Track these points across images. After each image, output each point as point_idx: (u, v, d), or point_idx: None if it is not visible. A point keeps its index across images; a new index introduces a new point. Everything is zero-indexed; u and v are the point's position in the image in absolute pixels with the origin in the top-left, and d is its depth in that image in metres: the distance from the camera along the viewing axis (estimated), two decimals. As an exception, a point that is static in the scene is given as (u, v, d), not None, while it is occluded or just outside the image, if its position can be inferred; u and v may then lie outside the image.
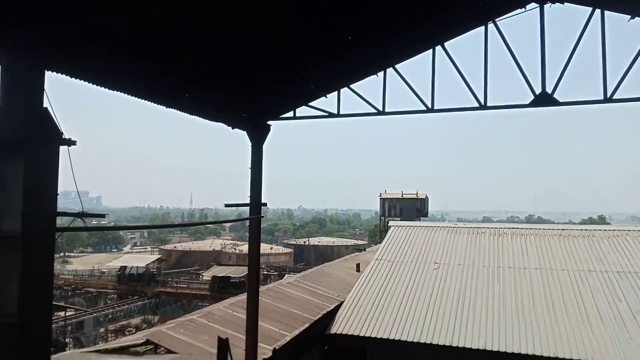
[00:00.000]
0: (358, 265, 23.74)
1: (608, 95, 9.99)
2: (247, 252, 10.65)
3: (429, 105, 10.89)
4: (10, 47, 4.68)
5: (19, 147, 4.56)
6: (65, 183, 5.65)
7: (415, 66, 11.18)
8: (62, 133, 4.95)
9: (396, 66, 10.90)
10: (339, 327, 13.59)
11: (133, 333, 35.61)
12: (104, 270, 49.38)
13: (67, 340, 30.56)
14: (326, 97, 11.56)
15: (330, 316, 15.01)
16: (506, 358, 11.56)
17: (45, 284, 4.71)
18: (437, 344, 12.15)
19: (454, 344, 12.04)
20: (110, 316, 34.10)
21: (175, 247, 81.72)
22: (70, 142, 5.00)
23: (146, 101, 7.77)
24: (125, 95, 7.46)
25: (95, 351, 10.58)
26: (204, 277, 44.32)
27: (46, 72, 5.07)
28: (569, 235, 17.31)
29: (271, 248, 76.15)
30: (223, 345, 5.09)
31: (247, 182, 10.77)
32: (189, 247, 77.26)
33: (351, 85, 11.30)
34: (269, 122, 11.22)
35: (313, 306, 16.15)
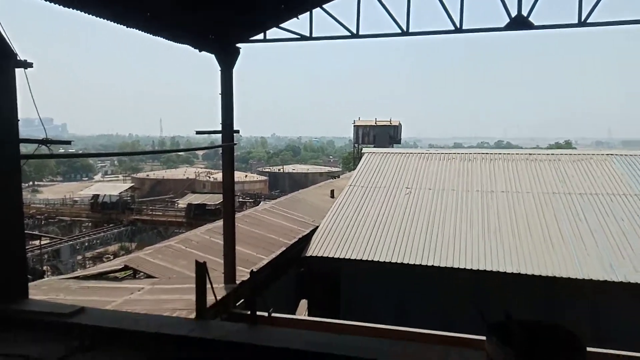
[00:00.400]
0: (332, 192, 24.10)
1: (583, 19, 9.91)
2: (222, 179, 10.62)
3: (404, 28, 10.58)
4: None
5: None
6: (26, 110, 5.38)
7: (391, -15, 10.71)
8: (16, 54, 4.64)
9: (372, -15, 10.42)
10: (314, 250, 14.05)
11: (111, 260, 36.15)
12: (76, 199, 48.94)
13: (44, 268, 30.83)
14: (298, 18, 11.06)
15: (305, 240, 15.41)
16: (472, 275, 12.28)
17: (15, 210, 4.62)
18: (408, 263, 12.76)
19: (424, 263, 12.67)
20: (86, 244, 34.32)
21: (147, 175, 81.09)
22: (26, 65, 4.70)
23: (105, 20, 7.27)
24: (82, 13, 6.96)
25: (74, 277, 10.72)
26: (179, 205, 44.51)
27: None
28: (535, 159, 17.84)
29: (246, 176, 76.44)
30: (201, 269, 5.20)
31: (218, 109, 10.51)
32: (162, 176, 76.84)
33: (324, 6, 10.82)
34: (239, 45, 10.75)
35: (289, 231, 16.52)
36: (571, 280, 11.61)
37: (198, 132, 10.29)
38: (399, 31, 10.60)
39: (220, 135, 10.65)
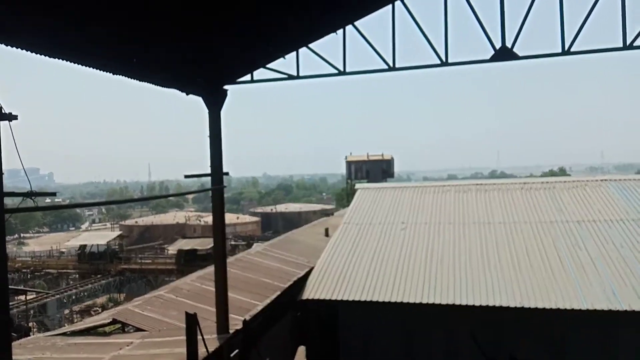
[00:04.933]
0: (327, 230, 23.74)
1: (566, 48, 10.03)
2: (212, 224, 10.30)
3: (390, 64, 10.65)
4: None
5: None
6: (11, 161, 5.12)
7: (376, 23, 10.85)
8: (0, 107, 4.43)
9: (355, 23, 10.52)
10: (310, 292, 13.56)
11: (99, 313, 34.90)
12: (63, 250, 47.84)
13: (30, 324, 29.63)
14: (284, 58, 11.08)
15: (301, 283, 14.96)
16: (474, 311, 11.86)
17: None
18: (407, 302, 12.32)
19: (424, 301, 12.24)
20: (74, 297, 33.23)
21: (136, 222, 79.92)
22: (11, 117, 4.50)
23: (90, 68, 7.12)
24: (67, 62, 6.82)
25: (61, 334, 10.15)
26: (169, 252, 43.62)
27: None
28: (530, 188, 17.75)
29: (237, 217, 75.67)
30: (191, 321, 4.84)
31: (207, 151, 10.31)
32: (150, 222, 75.74)
33: (310, 45, 10.87)
34: (226, 87, 10.69)
35: (283, 274, 16.06)
36: (575, 311, 11.27)
37: (187, 176, 10.05)
38: (386, 67, 10.65)
39: (209, 178, 10.43)
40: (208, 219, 71.81)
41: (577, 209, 15.74)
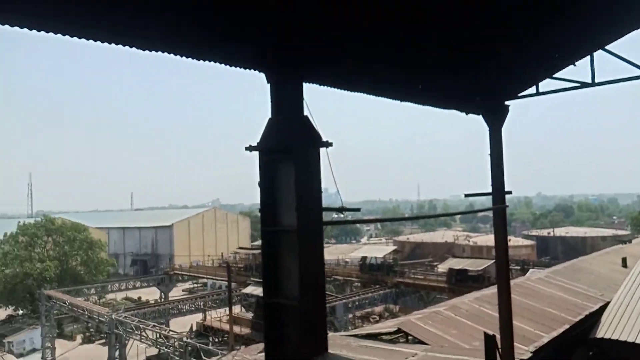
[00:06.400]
0: (624, 260, 20.20)
1: None
2: (494, 244, 10.03)
3: None
4: (277, 67, 5.35)
5: (290, 152, 5.16)
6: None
7: None
8: (320, 137, 5.44)
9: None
10: (606, 331, 11.74)
11: (377, 320, 37.84)
12: (347, 260, 53.79)
13: (322, 322, 34.13)
14: (575, 65, 10.05)
15: (593, 318, 13.11)
16: None
17: (318, 271, 5.22)
18: None
19: None
20: (356, 303, 36.92)
21: (407, 238, 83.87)
22: (327, 144, 5.46)
23: (386, 98, 8.04)
24: (370, 96, 7.87)
25: (352, 335, 11.47)
26: (438, 269, 44.16)
27: (304, 84, 5.65)
28: None
29: (509, 240, 71.17)
30: (491, 342, 4.80)
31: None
32: (421, 239, 78.30)
33: (607, 47, 9.56)
34: (507, 103, 10.34)
35: (570, 305, 14.34)
36: None
37: (467, 195, 10.10)
38: None
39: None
40: (476, 239, 69.78)
41: None
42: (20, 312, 50.71)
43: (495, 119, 10.17)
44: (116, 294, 51.65)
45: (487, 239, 67.03)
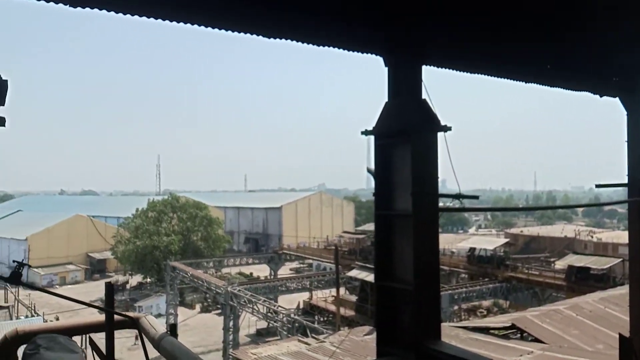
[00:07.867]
0: None
1: None
2: (628, 242, 9.06)
3: None
4: (397, 50, 5.29)
5: (407, 135, 5.11)
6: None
7: None
8: (439, 121, 5.30)
9: None
10: None
11: (485, 315, 36.30)
12: (453, 250, 52.03)
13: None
14: None
15: None
16: None
17: (433, 257, 5.15)
18: None
19: None
20: (463, 295, 35.66)
21: (521, 231, 78.90)
22: (446, 129, 5.30)
23: (509, 80, 7.59)
24: (485, 76, 7.50)
25: (462, 327, 11.17)
26: (556, 266, 41.01)
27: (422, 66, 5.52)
28: None
29: None
30: (627, 346, 4.36)
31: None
32: (536, 232, 73.17)
33: None
34: (650, 84, 9.18)
35: None
36: None
37: (598, 186, 9.22)
38: None
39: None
40: (601, 235, 63.32)
41: None
42: (149, 280, 56.91)
43: (636, 101, 9.11)
44: (231, 268, 55.59)
45: (614, 235, 60.70)
